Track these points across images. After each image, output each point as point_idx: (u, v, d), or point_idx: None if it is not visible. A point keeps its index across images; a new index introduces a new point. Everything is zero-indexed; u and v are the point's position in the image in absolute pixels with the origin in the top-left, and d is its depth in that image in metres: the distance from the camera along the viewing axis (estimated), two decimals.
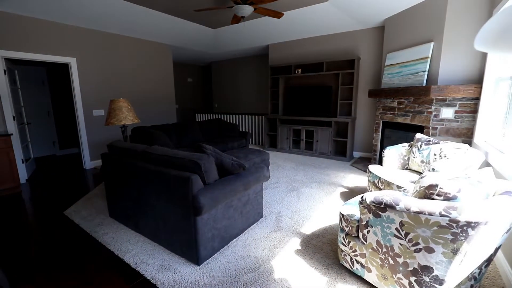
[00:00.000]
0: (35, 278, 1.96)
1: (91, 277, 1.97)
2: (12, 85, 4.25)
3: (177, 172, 1.97)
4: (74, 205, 3.25)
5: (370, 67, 5.07)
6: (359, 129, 5.33)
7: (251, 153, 3.73)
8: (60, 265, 2.12)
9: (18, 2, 3.65)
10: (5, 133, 3.80)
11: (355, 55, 5.18)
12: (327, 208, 3.05)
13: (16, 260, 2.19)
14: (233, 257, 2.13)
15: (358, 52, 5.17)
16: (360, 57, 5.14)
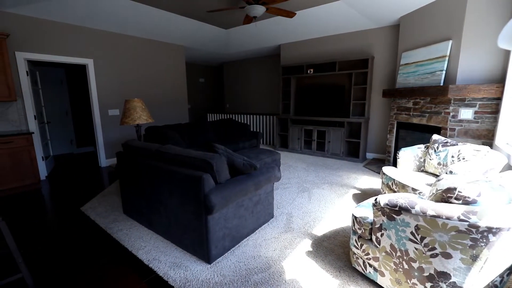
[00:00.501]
0: (54, 271, 2.03)
1: (106, 271, 2.02)
2: (33, 86, 4.43)
3: (189, 171, 2.00)
4: (90, 202, 3.35)
5: (384, 67, 4.96)
6: (373, 129, 5.22)
7: (262, 153, 3.73)
8: (76, 259, 2.19)
9: (39, 6, 3.80)
10: (27, 131, 3.96)
11: (368, 54, 5.08)
12: (339, 209, 3.01)
13: (36, 253, 2.28)
14: (244, 256, 2.14)
15: (372, 51, 5.07)
16: (374, 56, 5.04)
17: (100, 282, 1.91)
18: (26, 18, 3.98)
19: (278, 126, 6.34)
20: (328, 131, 5.34)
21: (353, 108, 5.23)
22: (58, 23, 4.32)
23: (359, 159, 5.03)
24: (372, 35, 5.03)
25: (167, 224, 2.31)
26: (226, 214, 2.07)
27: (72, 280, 1.94)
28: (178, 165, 2.17)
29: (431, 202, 1.39)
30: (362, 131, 4.99)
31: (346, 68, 5.23)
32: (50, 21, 4.22)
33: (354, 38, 5.25)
